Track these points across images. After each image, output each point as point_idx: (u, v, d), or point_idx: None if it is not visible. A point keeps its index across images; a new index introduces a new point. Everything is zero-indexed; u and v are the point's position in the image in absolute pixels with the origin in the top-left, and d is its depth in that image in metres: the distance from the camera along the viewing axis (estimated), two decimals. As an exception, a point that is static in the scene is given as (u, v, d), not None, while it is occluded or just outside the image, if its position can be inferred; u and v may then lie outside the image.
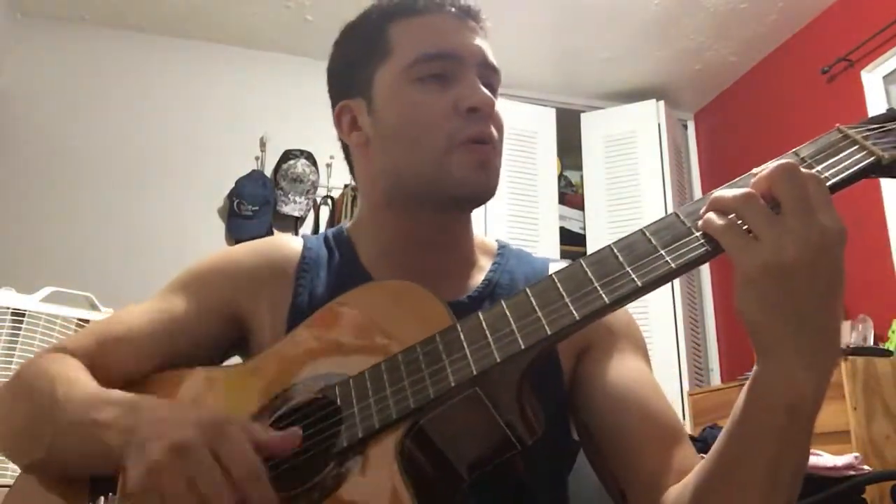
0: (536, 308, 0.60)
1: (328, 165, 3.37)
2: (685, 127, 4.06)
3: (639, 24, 3.37)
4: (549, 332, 0.58)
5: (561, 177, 4.01)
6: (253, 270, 0.85)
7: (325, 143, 3.35)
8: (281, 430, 0.63)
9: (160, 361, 0.79)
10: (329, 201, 3.39)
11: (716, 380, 3.57)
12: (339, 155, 0.92)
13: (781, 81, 3.47)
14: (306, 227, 3.36)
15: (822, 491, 1.55)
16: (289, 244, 0.88)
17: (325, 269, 0.85)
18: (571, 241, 3.73)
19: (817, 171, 0.57)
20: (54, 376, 0.73)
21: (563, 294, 0.60)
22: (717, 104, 3.94)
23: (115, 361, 0.77)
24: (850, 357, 2.21)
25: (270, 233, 3.20)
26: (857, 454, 1.71)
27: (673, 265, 0.56)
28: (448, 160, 0.77)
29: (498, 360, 0.59)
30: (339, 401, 0.65)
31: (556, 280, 0.61)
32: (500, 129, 0.82)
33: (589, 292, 0.58)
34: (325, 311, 0.75)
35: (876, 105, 2.91)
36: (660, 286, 0.58)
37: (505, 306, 0.62)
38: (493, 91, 0.82)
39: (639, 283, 0.57)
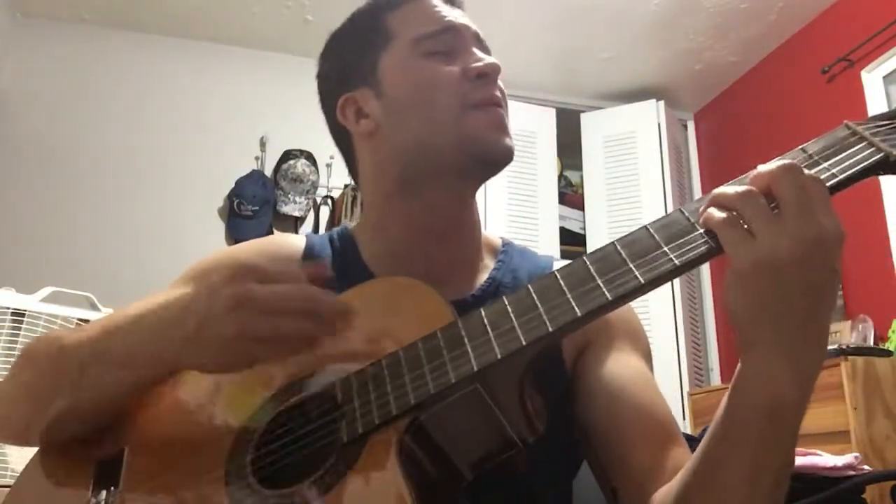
0: (538, 304, 0.60)
1: (328, 165, 3.37)
2: (685, 127, 4.06)
3: (639, 24, 3.37)
4: (550, 329, 0.58)
5: (561, 177, 4.01)
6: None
7: (325, 143, 3.32)
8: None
9: None
10: (329, 201, 3.39)
11: (716, 380, 3.57)
12: (339, 155, 0.92)
13: (781, 81, 3.47)
14: (306, 227, 3.36)
15: (822, 491, 1.55)
16: (292, 242, 0.89)
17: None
18: (571, 241, 3.73)
19: (825, 167, 0.56)
20: (55, 337, 0.75)
21: (566, 290, 0.59)
22: (717, 104, 3.94)
23: None
24: (850, 357, 2.20)
25: (270, 233, 3.20)
26: (857, 454, 1.70)
27: (676, 262, 0.56)
28: (464, 121, 0.79)
29: (499, 356, 0.59)
30: (339, 397, 0.65)
31: (559, 276, 0.61)
32: (505, 99, 0.85)
33: (591, 289, 0.58)
34: None
35: (876, 105, 2.91)
36: (663, 283, 0.57)
37: (507, 302, 0.62)
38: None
39: (642, 280, 0.56)
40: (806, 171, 0.54)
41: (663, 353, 3.32)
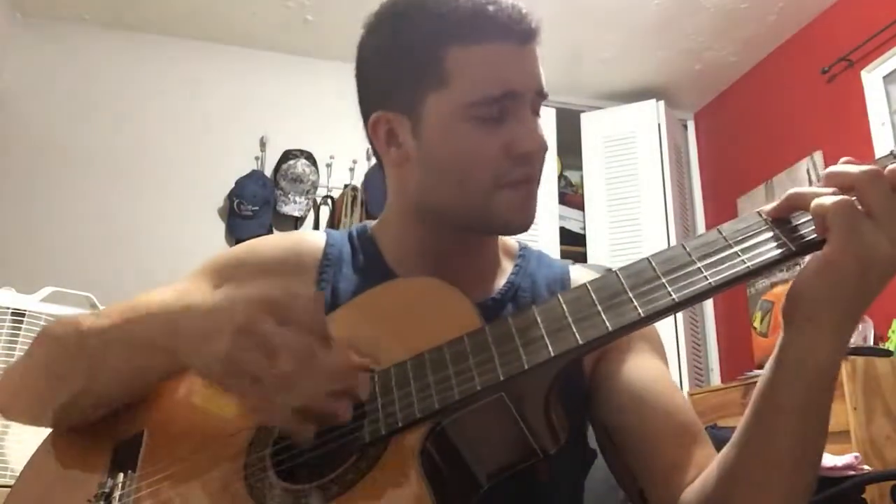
0: (568, 316, 0.59)
1: (328, 165, 3.36)
2: (685, 127, 4.06)
3: (639, 24, 3.37)
4: (580, 342, 0.57)
5: (561, 177, 4.01)
6: (275, 262, 0.85)
7: (325, 143, 3.36)
8: None
9: None
10: (329, 201, 3.38)
11: (716, 380, 3.57)
12: (339, 155, 0.92)
13: (781, 81, 3.47)
14: (306, 227, 3.36)
15: (822, 491, 1.55)
16: (312, 238, 0.89)
17: (348, 266, 0.86)
18: (571, 241, 3.72)
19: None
20: (73, 320, 0.76)
21: (596, 303, 0.59)
22: (717, 104, 3.94)
23: None
24: (850, 357, 2.20)
25: (270, 233, 3.20)
26: (857, 454, 1.71)
27: (711, 281, 0.56)
28: (493, 199, 0.76)
29: (526, 366, 0.58)
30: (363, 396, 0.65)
31: (590, 289, 0.60)
32: (542, 163, 0.80)
33: (622, 303, 0.58)
34: (352, 306, 0.75)
35: (876, 105, 2.91)
36: (696, 303, 0.57)
37: (536, 312, 0.61)
38: (537, 113, 0.80)
39: (675, 298, 0.56)
40: (886, 172, 0.54)
41: (663, 353, 3.31)
